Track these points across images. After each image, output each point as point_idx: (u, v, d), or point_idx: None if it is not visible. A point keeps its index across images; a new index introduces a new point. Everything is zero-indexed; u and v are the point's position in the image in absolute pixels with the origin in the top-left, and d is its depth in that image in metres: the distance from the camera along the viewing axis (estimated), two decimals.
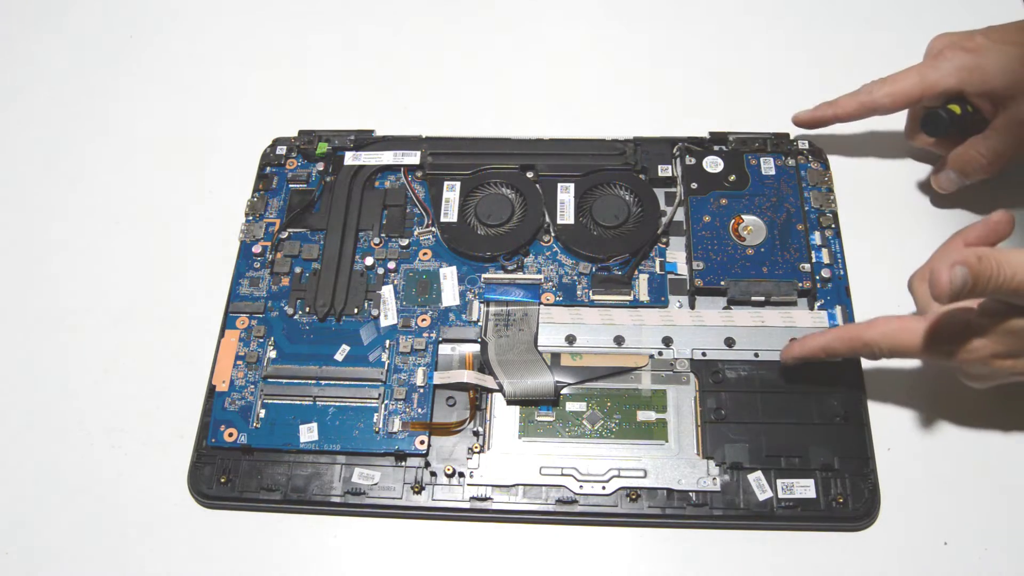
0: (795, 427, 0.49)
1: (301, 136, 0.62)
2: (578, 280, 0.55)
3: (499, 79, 0.66)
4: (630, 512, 0.47)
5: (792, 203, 0.56)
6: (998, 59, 0.51)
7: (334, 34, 0.70)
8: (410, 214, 0.58)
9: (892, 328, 0.45)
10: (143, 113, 0.66)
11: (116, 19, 0.72)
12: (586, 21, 0.70)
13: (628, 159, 0.58)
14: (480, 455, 0.49)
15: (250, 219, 0.58)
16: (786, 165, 0.57)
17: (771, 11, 0.69)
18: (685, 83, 0.65)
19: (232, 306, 0.55)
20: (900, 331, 0.45)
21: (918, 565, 0.46)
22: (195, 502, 0.49)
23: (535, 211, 0.57)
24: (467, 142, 0.60)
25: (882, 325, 0.46)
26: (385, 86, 0.67)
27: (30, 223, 0.61)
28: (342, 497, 0.48)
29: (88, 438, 0.52)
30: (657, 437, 0.49)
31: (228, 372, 0.52)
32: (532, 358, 0.51)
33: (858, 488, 0.47)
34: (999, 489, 0.48)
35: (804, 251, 0.54)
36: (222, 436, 0.50)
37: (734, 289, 0.53)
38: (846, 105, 0.56)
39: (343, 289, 0.55)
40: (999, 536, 0.46)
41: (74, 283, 0.58)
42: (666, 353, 0.52)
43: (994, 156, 0.53)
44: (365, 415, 0.50)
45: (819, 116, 0.57)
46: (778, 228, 0.55)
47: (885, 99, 0.54)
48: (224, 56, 0.69)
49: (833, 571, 0.46)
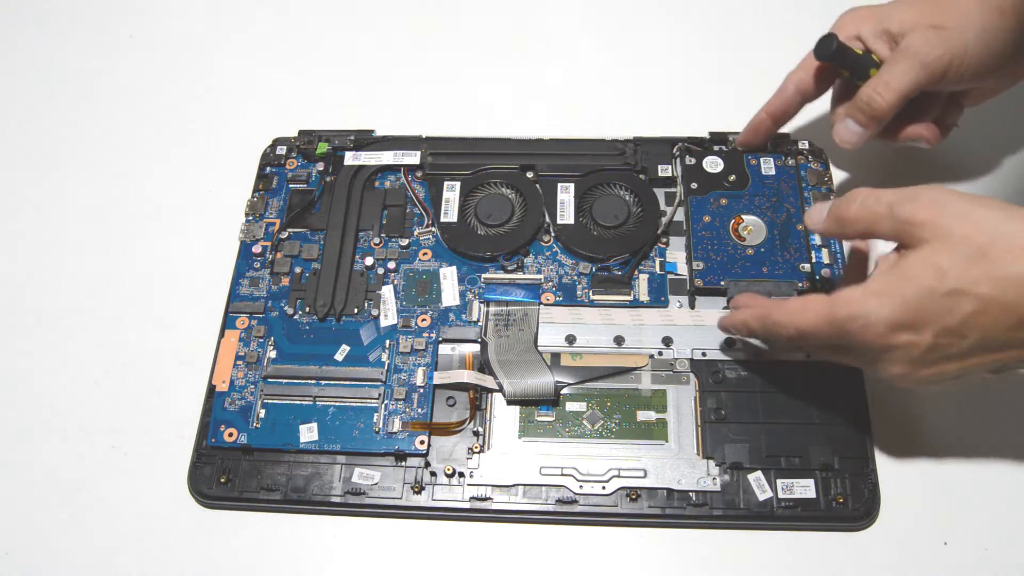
0: (795, 427, 0.49)
1: (301, 136, 0.62)
2: (578, 280, 0.55)
3: (499, 79, 0.66)
4: (630, 512, 0.47)
5: (792, 203, 0.56)
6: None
7: (334, 34, 0.70)
8: (410, 214, 0.58)
9: (796, 306, 0.43)
10: (143, 113, 0.66)
11: (116, 19, 0.72)
12: (586, 21, 0.70)
13: (628, 159, 0.58)
14: (480, 455, 0.49)
15: (250, 219, 0.58)
16: (786, 165, 0.57)
17: (771, 11, 0.69)
18: (685, 83, 0.65)
19: (232, 306, 0.55)
20: (803, 310, 0.43)
21: (918, 565, 0.46)
22: (195, 502, 0.49)
23: (535, 211, 0.57)
24: (467, 142, 0.60)
25: (791, 303, 0.44)
26: (385, 86, 0.67)
27: (30, 223, 0.61)
28: (342, 497, 0.48)
29: (88, 438, 0.52)
30: (657, 437, 0.49)
31: (228, 372, 0.52)
32: (532, 358, 0.51)
33: (858, 488, 0.47)
34: (999, 489, 0.48)
35: (804, 251, 0.54)
36: (222, 436, 0.50)
37: (734, 289, 0.53)
38: (773, 103, 0.55)
39: (343, 289, 0.55)
40: (999, 536, 0.46)
41: (74, 283, 0.58)
42: (666, 353, 0.52)
43: (888, 90, 0.49)
44: (365, 415, 0.50)
45: (756, 126, 0.56)
46: (778, 228, 0.55)
47: (794, 82, 0.53)
48: (224, 56, 0.69)
49: (833, 571, 0.46)
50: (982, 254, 0.38)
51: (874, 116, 0.50)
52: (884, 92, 0.49)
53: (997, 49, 0.48)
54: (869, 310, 0.40)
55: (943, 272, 0.38)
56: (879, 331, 0.40)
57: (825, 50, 0.50)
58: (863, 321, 0.40)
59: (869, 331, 0.40)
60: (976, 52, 0.48)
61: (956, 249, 0.38)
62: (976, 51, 0.48)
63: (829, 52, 0.50)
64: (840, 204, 0.43)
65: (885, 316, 0.40)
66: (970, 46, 0.47)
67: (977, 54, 0.48)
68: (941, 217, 0.39)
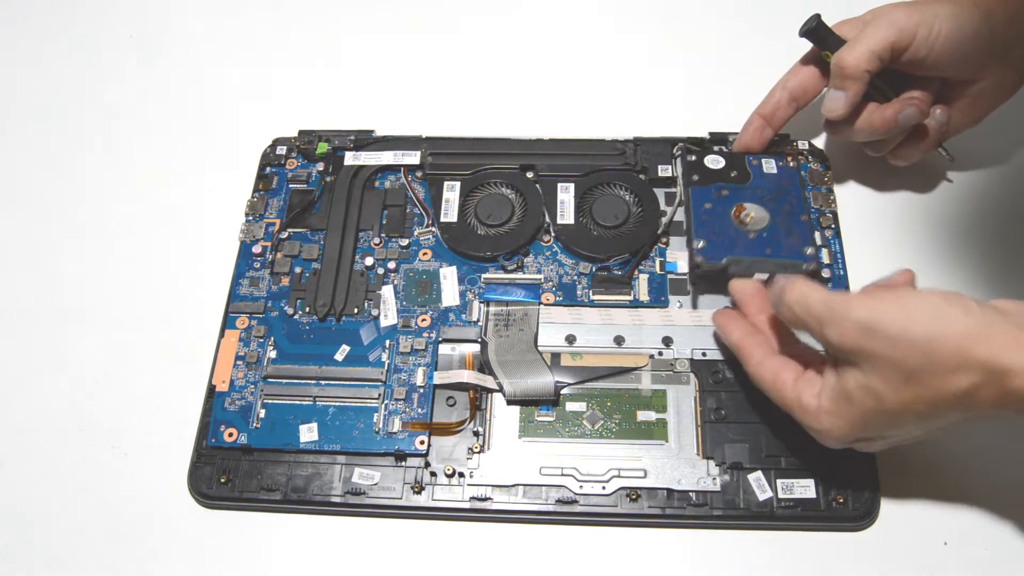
0: (795, 427, 0.49)
1: (301, 136, 0.62)
2: (578, 280, 0.55)
3: (499, 79, 0.66)
4: (630, 512, 0.47)
5: (795, 197, 0.55)
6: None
7: (334, 34, 0.70)
8: (410, 214, 0.58)
9: (769, 376, 0.44)
10: (142, 113, 0.66)
11: (116, 19, 0.72)
12: (586, 21, 0.70)
13: (628, 159, 0.58)
14: (480, 455, 0.49)
15: (250, 219, 0.58)
16: (787, 165, 0.57)
17: (772, 11, 0.69)
18: (685, 83, 0.65)
19: (232, 306, 0.55)
20: (772, 387, 0.44)
21: (918, 565, 0.46)
22: (195, 502, 0.49)
23: (535, 211, 0.57)
24: (467, 142, 0.60)
25: (767, 369, 0.45)
26: (385, 86, 0.67)
27: (30, 223, 0.61)
28: (342, 497, 0.48)
29: (88, 438, 0.52)
30: (657, 437, 0.49)
31: (228, 372, 0.52)
32: (532, 358, 0.51)
33: (858, 488, 0.47)
34: (999, 489, 0.48)
35: (807, 236, 0.52)
36: (222, 436, 0.50)
37: (736, 267, 0.51)
38: (764, 104, 0.56)
39: (343, 289, 0.55)
40: (999, 536, 0.46)
41: (74, 283, 0.58)
42: (666, 353, 0.52)
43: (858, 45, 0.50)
44: (365, 415, 0.50)
45: (750, 128, 0.56)
46: (780, 216, 0.53)
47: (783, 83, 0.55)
48: (224, 56, 0.69)
49: (833, 571, 0.46)
50: (915, 380, 0.37)
51: (847, 75, 0.50)
52: (854, 48, 0.50)
53: (967, 34, 0.49)
54: (823, 426, 0.42)
55: (881, 398, 0.39)
56: (832, 443, 0.43)
57: (805, 26, 0.52)
58: (818, 434, 0.43)
59: (825, 440, 0.43)
60: (948, 26, 0.49)
61: (889, 376, 0.38)
62: (947, 29, 0.49)
63: (806, 28, 0.52)
64: (777, 291, 0.43)
65: (837, 435, 0.42)
66: (940, 19, 0.49)
67: (948, 28, 0.49)
68: (870, 343, 0.38)
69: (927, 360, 0.37)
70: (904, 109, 0.51)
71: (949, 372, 0.37)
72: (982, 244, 0.56)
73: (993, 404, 0.37)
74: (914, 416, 0.39)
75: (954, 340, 0.36)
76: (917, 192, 0.58)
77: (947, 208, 0.57)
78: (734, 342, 0.47)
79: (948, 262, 0.55)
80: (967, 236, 0.56)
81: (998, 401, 0.37)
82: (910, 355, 0.37)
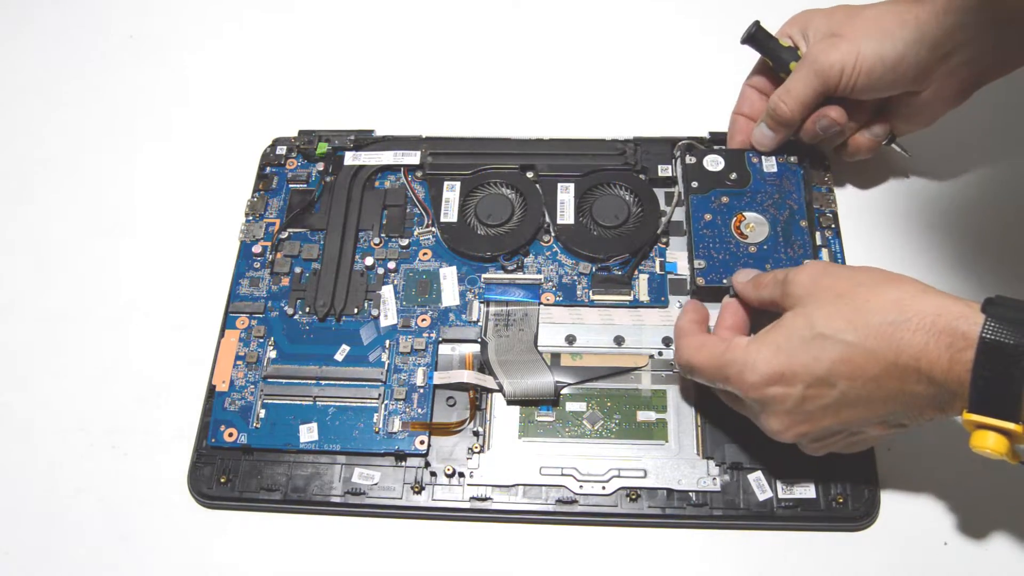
0: None
1: (301, 136, 0.62)
2: (578, 280, 0.55)
3: (499, 79, 0.66)
4: (630, 512, 0.47)
5: (796, 199, 0.55)
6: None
7: (334, 34, 0.70)
8: (410, 214, 0.58)
9: (696, 342, 0.46)
10: (143, 113, 0.66)
11: (116, 19, 0.72)
12: (586, 21, 0.70)
13: (628, 159, 0.58)
14: (480, 455, 0.49)
15: (250, 219, 0.58)
16: (788, 163, 0.57)
17: (771, 11, 0.69)
18: (685, 83, 0.65)
19: (232, 306, 0.55)
20: (700, 347, 0.45)
21: (918, 565, 0.46)
22: (195, 502, 0.49)
23: (535, 211, 0.57)
24: (467, 142, 0.60)
25: (695, 339, 0.46)
26: (385, 86, 0.67)
27: (30, 223, 0.61)
28: (342, 497, 0.48)
29: (88, 438, 0.52)
30: (657, 437, 0.49)
31: (228, 372, 0.52)
32: (532, 358, 0.51)
33: (858, 488, 0.47)
34: (999, 489, 0.48)
35: (808, 248, 0.53)
36: (222, 436, 0.50)
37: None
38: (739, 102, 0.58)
39: (343, 289, 0.55)
40: (999, 536, 0.46)
41: (74, 283, 0.58)
42: (666, 353, 0.52)
43: (790, 97, 0.53)
44: (365, 415, 0.50)
45: (734, 126, 0.58)
46: (781, 225, 0.54)
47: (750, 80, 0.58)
48: (224, 56, 0.69)
49: (833, 571, 0.46)
50: (847, 304, 0.40)
51: (780, 122, 0.54)
52: (787, 99, 0.53)
53: (893, 58, 0.50)
54: (747, 357, 0.42)
55: (811, 320, 0.41)
56: (753, 381, 0.42)
57: (745, 34, 0.54)
58: (738, 367, 0.42)
59: (744, 379, 0.42)
60: (869, 59, 0.50)
61: (824, 300, 0.41)
62: (869, 59, 0.50)
63: (746, 35, 0.54)
64: (760, 273, 0.47)
65: (760, 365, 0.41)
66: (863, 53, 0.50)
67: (869, 61, 0.50)
68: (818, 279, 0.42)
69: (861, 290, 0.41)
70: (819, 121, 0.54)
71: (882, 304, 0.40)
72: (982, 243, 0.56)
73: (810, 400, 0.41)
74: (839, 350, 0.40)
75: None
76: (917, 192, 0.58)
77: (947, 208, 0.57)
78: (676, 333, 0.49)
79: (948, 262, 0.55)
80: (967, 236, 0.56)
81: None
82: (848, 285, 0.41)
